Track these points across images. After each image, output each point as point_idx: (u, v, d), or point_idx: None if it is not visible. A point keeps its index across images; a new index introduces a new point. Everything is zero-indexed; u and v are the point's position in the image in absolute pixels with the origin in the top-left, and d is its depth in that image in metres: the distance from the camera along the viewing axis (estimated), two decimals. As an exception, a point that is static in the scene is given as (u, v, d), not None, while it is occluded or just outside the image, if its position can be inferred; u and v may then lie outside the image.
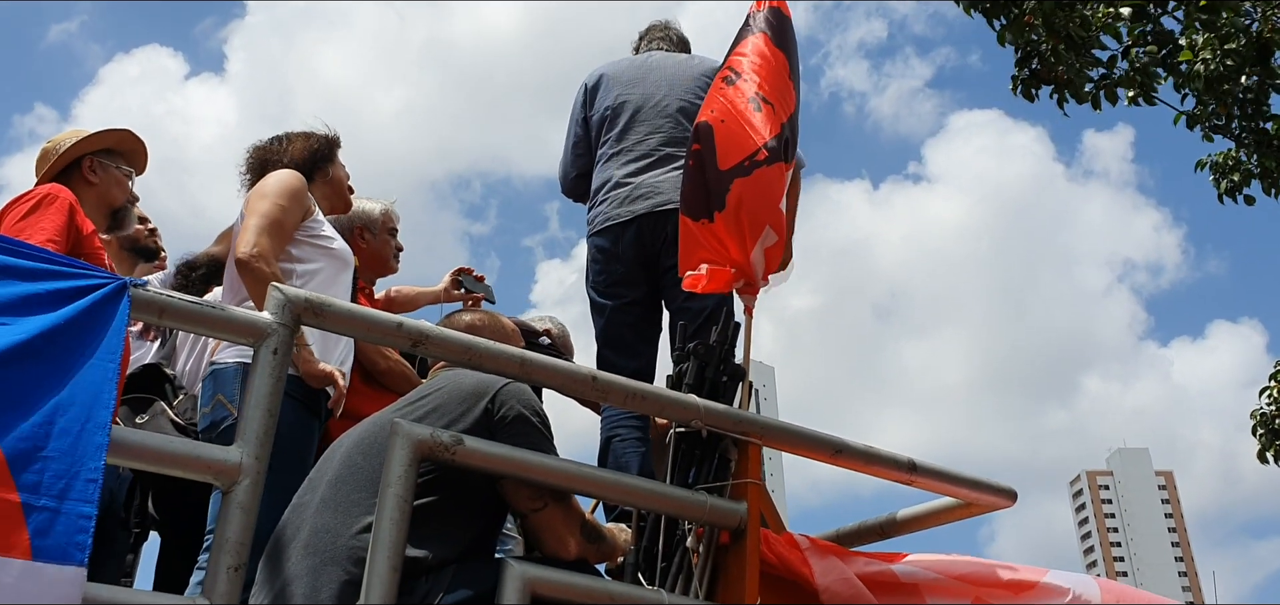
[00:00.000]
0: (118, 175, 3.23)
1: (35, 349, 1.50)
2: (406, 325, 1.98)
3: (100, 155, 3.21)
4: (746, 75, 2.85)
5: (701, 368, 2.35)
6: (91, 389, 1.55)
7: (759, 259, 2.66)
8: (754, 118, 2.73)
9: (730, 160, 2.66)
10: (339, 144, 3.41)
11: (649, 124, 3.68)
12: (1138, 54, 6.83)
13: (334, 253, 3.08)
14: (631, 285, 3.58)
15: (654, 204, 3.49)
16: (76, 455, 1.49)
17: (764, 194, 2.65)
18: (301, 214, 3.01)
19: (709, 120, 2.75)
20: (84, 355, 1.55)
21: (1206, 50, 6.74)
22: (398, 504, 1.82)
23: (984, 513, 2.64)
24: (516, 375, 2.08)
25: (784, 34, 3.00)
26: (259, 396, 1.78)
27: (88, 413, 1.53)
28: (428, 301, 4.29)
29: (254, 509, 1.73)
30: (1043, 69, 6.74)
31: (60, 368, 1.52)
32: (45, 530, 1.43)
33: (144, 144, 3.34)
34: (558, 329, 4.19)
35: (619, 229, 3.56)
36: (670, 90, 3.75)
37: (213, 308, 1.84)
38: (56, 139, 3.22)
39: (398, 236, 3.91)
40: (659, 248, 3.48)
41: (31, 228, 2.74)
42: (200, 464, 1.73)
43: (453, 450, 1.92)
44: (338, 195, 3.38)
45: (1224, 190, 7.91)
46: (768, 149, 2.68)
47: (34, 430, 1.46)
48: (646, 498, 2.21)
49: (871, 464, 2.41)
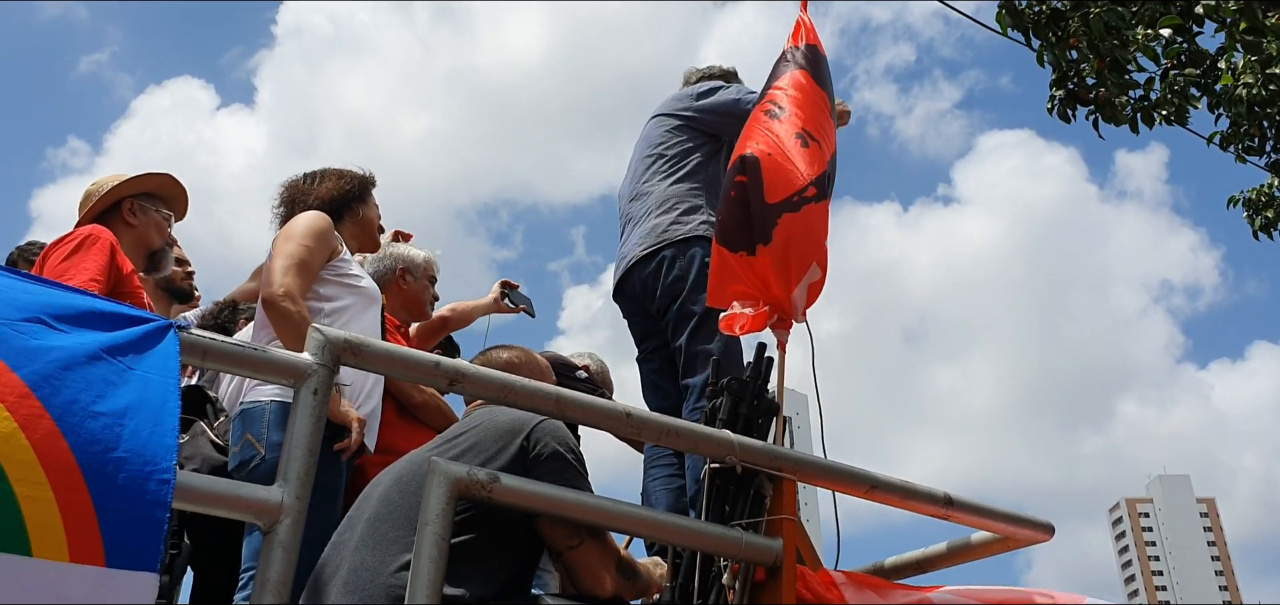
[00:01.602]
0: (157, 219, 3.29)
1: (100, 356, 1.49)
2: (443, 364, 2.00)
3: (141, 198, 3.27)
4: (789, 110, 2.87)
5: (735, 403, 2.36)
6: (159, 393, 1.54)
7: (801, 295, 2.67)
8: (800, 154, 2.74)
9: (778, 194, 2.67)
10: (372, 184, 3.46)
11: (626, 196, 3.96)
12: (1175, 76, 6.74)
13: (360, 290, 3.12)
14: (646, 337, 3.82)
15: (623, 267, 3.78)
16: (149, 455, 1.46)
17: (811, 231, 2.68)
18: (327, 254, 3.05)
19: (756, 153, 2.74)
20: (145, 367, 1.54)
21: (1248, 74, 6.67)
22: (436, 542, 1.84)
23: (1021, 547, 2.61)
24: (552, 412, 2.10)
25: (820, 71, 3.02)
26: (300, 436, 1.80)
27: (157, 415, 1.51)
28: (481, 313, 4.50)
29: (295, 548, 1.74)
30: (1080, 90, 6.69)
31: (126, 374, 1.51)
32: (119, 535, 1.39)
33: (185, 189, 3.40)
34: (597, 365, 4.27)
35: (619, 299, 3.88)
36: (639, 149, 3.99)
37: (254, 350, 1.87)
38: (99, 181, 3.29)
39: (436, 285, 4.02)
40: (640, 300, 3.72)
41: (74, 268, 2.80)
42: (242, 504, 1.76)
43: (489, 488, 1.93)
44: (366, 235, 3.42)
45: (1259, 226, 7.82)
46: (815, 185, 2.69)
47: (105, 431, 1.43)
48: (682, 534, 2.21)
49: (907, 499, 2.39)
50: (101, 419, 1.45)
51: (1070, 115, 6.86)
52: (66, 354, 1.49)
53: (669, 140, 3.82)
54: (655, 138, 3.90)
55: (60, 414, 1.42)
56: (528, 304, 4.56)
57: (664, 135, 3.86)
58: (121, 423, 1.46)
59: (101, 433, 1.43)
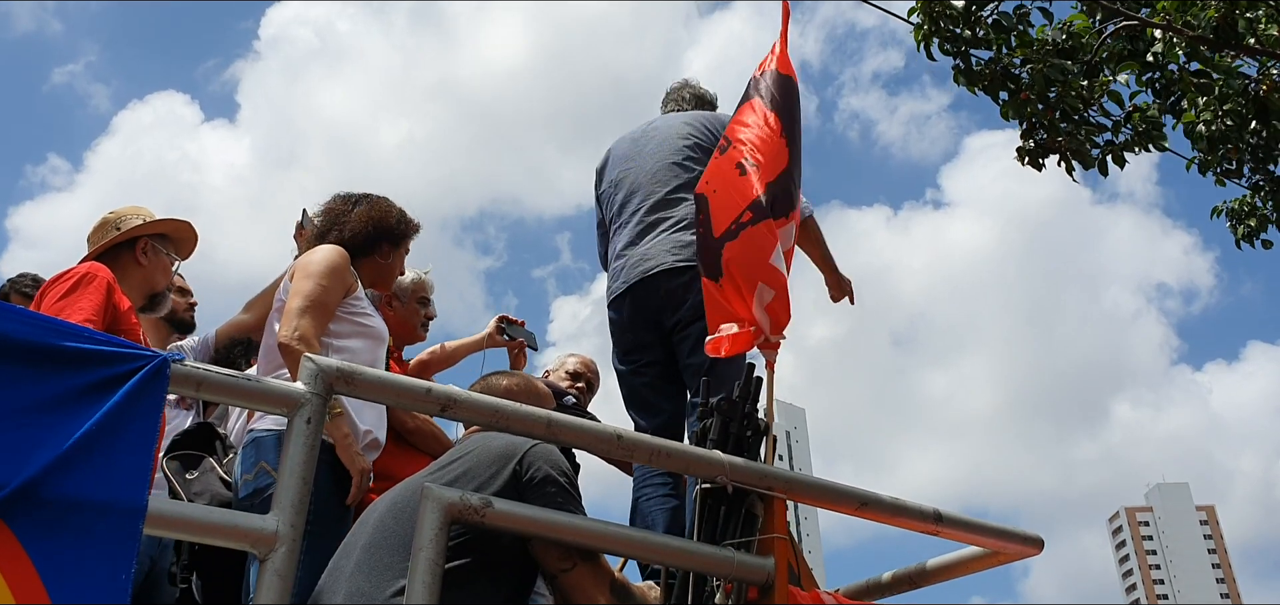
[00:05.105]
0: (165, 262, 3.31)
1: (71, 462, 1.53)
2: (435, 390, 2.02)
3: (155, 239, 3.29)
4: (737, 143, 2.95)
5: (725, 423, 2.38)
6: (137, 427, 1.60)
7: (762, 316, 2.71)
8: (739, 183, 2.84)
9: (722, 226, 2.80)
10: (413, 234, 3.38)
11: (641, 193, 3.76)
12: (1140, 118, 6.82)
13: (370, 331, 3.09)
14: (643, 349, 3.66)
15: (645, 271, 3.57)
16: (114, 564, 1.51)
17: (752, 254, 2.73)
18: (343, 292, 3.03)
19: (704, 191, 2.91)
20: (119, 457, 1.58)
21: (1206, 111, 6.80)
22: (430, 567, 1.86)
23: (1012, 561, 2.63)
24: (544, 436, 2.12)
25: (785, 93, 3.04)
26: (294, 465, 1.82)
27: (131, 447, 1.58)
28: (470, 351, 4.32)
29: (291, 576, 1.77)
30: (1049, 139, 6.81)
31: (97, 475, 1.55)
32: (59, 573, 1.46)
33: (196, 233, 3.41)
34: (578, 362, 4.36)
35: (620, 301, 3.66)
36: (659, 153, 3.82)
37: (248, 380, 1.89)
38: (119, 213, 3.27)
39: (430, 306, 3.95)
40: (657, 310, 3.56)
41: (70, 308, 2.81)
42: (238, 533, 1.78)
43: (482, 513, 1.95)
44: (383, 280, 3.36)
45: (1241, 236, 7.91)
46: (751, 209, 2.77)
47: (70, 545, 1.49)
48: (674, 555, 2.23)
49: (897, 516, 2.42)
50: (66, 533, 1.50)
51: (1041, 163, 6.96)
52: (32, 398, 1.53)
53: (692, 157, 3.71)
54: (677, 146, 3.77)
55: None
56: (530, 338, 4.43)
57: (686, 151, 3.74)
58: (89, 531, 1.51)
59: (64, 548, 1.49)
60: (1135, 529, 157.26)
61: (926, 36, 6.69)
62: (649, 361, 3.66)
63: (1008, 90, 6.65)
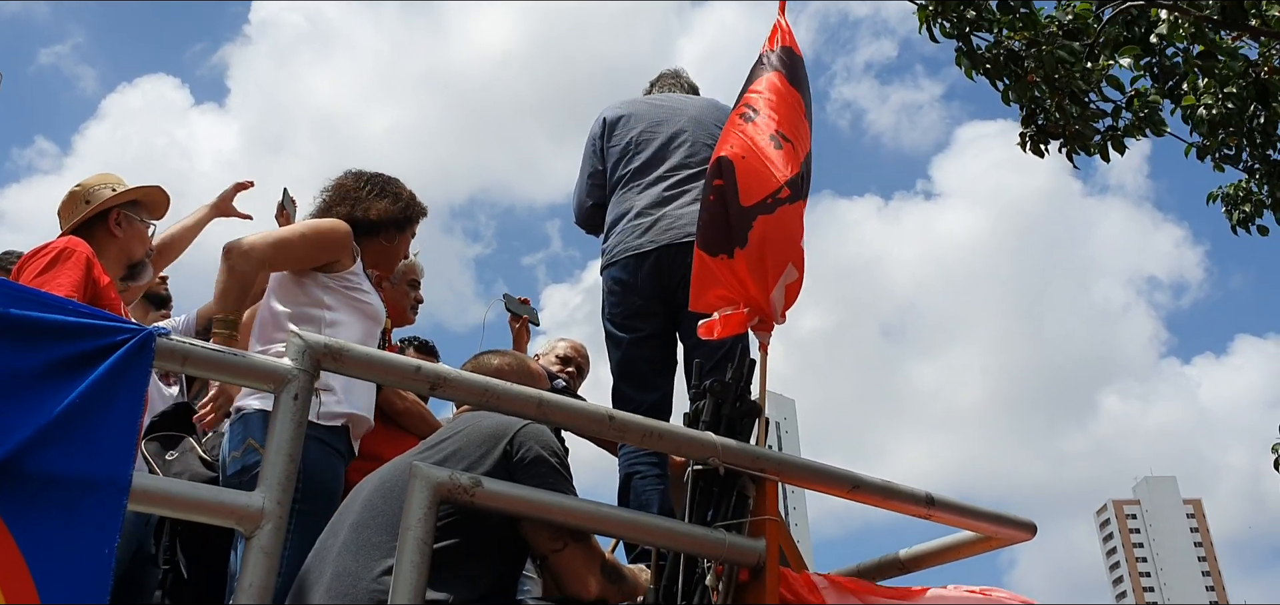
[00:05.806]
0: (140, 229, 3.28)
1: (53, 437, 1.51)
2: (424, 369, 2.00)
3: (126, 208, 3.25)
4: (764, 113, 2.87)
5: (718, 405, 2.36)
6: (123, 401, 1.58)
7: (779, 296, 2.66)
8: (774, 156, 2.73)
9: (753, 197, 2.66)
10: (421, 217, 3.36)
11: (672, 158, 3.68)
12: (1140, 103, 6.82)
13: (366, 308, 3.05)
14: (648, 318, 3.57)
15: (675, 236, 3.49)
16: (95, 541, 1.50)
17: (787, 232, 2.67)
18: (324, 262, 2.99)
19: (731, 156, 2.75)
20: (103, 432, 1.57)
21: (1207, 95, 6.79)
22: (418, 547, 1.84)
23: (1004, 546, 2.62)
24: (534, 416, 2.10)
25: (796, 72, 3.02)
26: (281, 442, 1.80)
27: (118, 422, 1.57)
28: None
29: (277, 553, 1.74)
30: (1050, 124, 6.79)
31: (80, 450, 1.53)
32: None
33: (168, 197, 3.39)
34: (569, 347, 4.35)
35: (637, 260, 3.55)
36: (691, 126, 3.77)
37: (234, 355, 1.87)
38: (86, 185, 3.24)
39: (419, 289, 3.95)
40: (677, 281, 3.48)
41: (50, 283, 2.77)
42: (224, 510, 1.75)
43: (471, 492, 1.93)
44: (386, 262, 3.34)
45: (1237, 221, 7.92)
46: (789, 186, 2.69)
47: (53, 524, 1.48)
48: (665, 536, 2.22)
49: (889, 499, 2.40)
50: (50, 507, 1.48)
51: (1043, 149, 6.94)
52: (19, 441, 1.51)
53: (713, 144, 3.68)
54: (710, 131, 3.71)
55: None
56: (532, 314, 4.48)
57: (710, 139, 3.68)
58: (73, 508, 1.50)
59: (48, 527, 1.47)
60: (1123, 522, 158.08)
61: (930, 17, 6.65)
62: (650, 334, 3.58)
63: (1011, 74, 6.59)
